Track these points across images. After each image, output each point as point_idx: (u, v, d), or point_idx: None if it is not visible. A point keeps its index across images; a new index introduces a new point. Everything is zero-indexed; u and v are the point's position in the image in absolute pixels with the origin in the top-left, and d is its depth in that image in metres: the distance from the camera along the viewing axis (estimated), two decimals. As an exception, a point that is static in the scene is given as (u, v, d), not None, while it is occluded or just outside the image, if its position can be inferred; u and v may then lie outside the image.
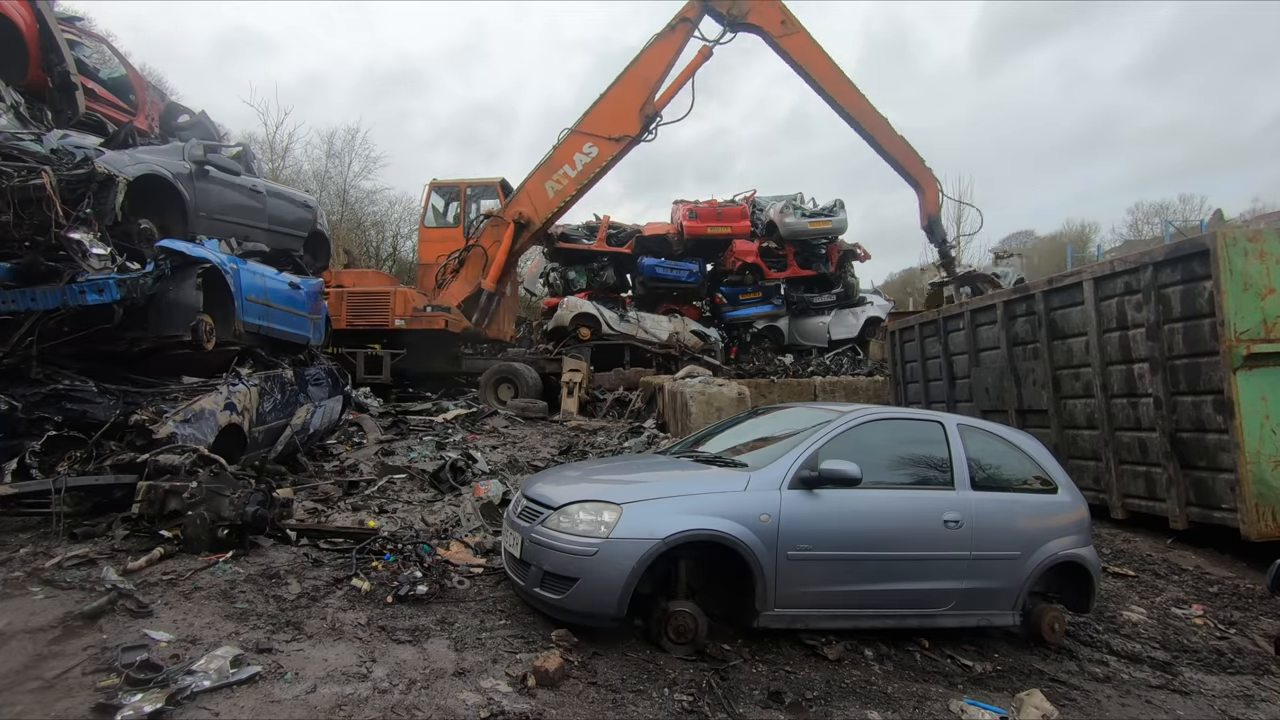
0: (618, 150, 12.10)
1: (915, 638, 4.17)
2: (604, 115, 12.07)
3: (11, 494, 4.22)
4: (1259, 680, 4.20)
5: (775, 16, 12.11)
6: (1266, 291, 5.55)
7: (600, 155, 12.08)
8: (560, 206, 12.62)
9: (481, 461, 7.19)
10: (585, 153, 12.06)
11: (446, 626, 3.63)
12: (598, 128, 12.06)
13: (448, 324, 12.19)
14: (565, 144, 12.19)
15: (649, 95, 11.94)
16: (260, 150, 23.70)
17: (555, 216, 13.19)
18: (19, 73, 6.62)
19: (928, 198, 12.68)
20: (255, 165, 8.87)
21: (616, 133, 11.96)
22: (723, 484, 3.88)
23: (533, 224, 12.62)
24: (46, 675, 2.73)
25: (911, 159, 12.57)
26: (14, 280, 4.87)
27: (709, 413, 9.71)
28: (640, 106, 11.89)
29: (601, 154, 12.08)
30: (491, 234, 12.75)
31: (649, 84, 11.97)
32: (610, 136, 11.97)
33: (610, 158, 12.16)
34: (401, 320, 11.93)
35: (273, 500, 4.49)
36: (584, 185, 12.39)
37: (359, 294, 12.21)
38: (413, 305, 12.17)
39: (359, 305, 12.07)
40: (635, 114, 11.91)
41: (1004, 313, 8.22)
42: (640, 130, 12.00)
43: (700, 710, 3.09)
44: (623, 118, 11.96)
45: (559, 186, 12.28)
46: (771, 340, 17.33)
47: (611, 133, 11.97)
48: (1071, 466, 6.75)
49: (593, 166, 12.15)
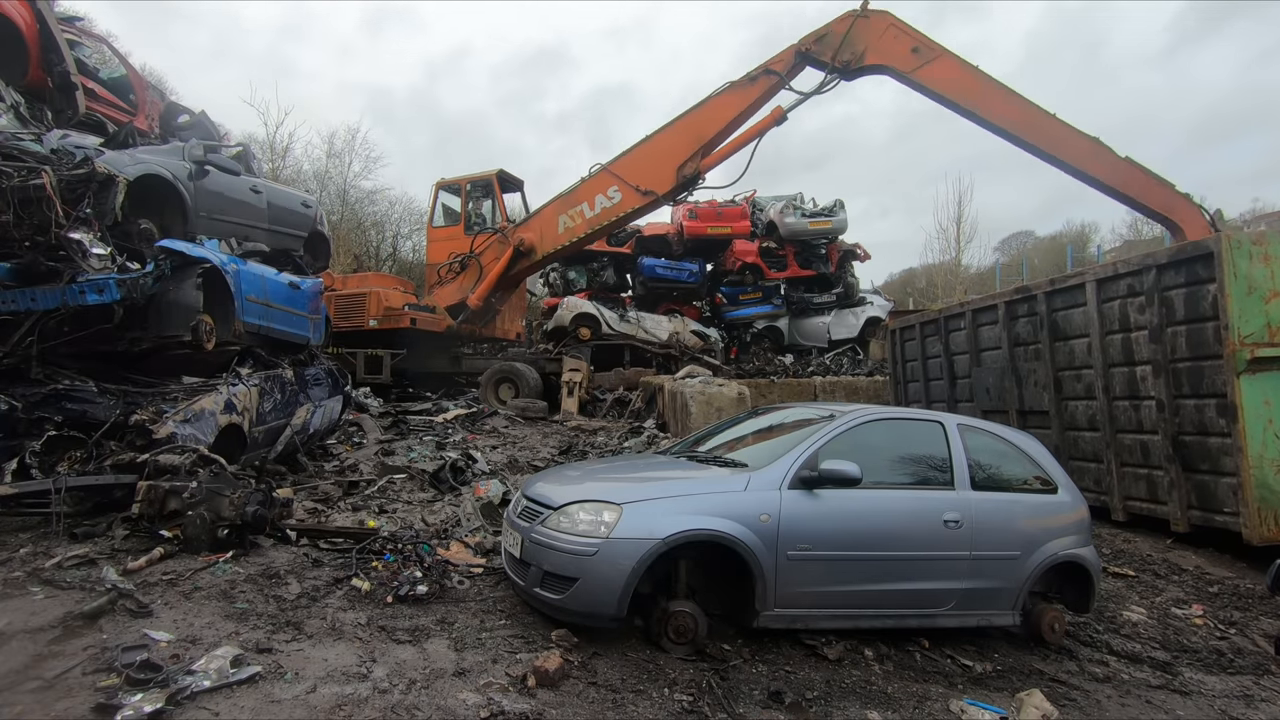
0: (642, 204, 11.15)
1: (915, 638, 4.17)
2: (640, 162, 11.04)
3: (11, 494, 4.22)
4: (1259, 680, 4.19)
5: (903, 47, 10.10)
6: (1271, 295, 5.54)
7: (622, 203, 11.14)
8: (567, 244, 11.88)
9: (481, 461, 7.19)
10: (609, 196, 11.14)
11: (446, 626, 3.62)
12: (629, 174, 11.05)
13: (414, 322, 11.80)
14: (591, 181, 11.35)
15: (695, 153, 10.67)
16: (260, 150, 23.70)
17: (559, 253, 12.41)
18: (19, 73, 6.62)
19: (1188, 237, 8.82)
20: (255, 165, 8.88)
21: (645, 185, 10.92)
22: (723, 484, 3.88)
23: (534, 254, 12.01)
24: (46, 675, 2.73)
25: (1151, 188, 9.23)
26: (14, 280, 4.87)
27: (709, 413, 9.71)
28: (680, 164, 10.68)
29: (624, 202, 11.13)
30: (493, 251, 12.36)
31: (700, 140, 10.67)
32: (639, 188, 10.95)
33: (631, 210, 11.27)
34: (375, 320, 11.56)
35: (273, 500, 4.48)
36: (597, 229, 11.65)
37: (342, 296, 12.14)
38: (385, 305, 11.76)
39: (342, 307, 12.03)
40: (671, 171, 10.75)
41: (1005, 313, 8.22)
42: (671, 190, 11.02)
43: (700, 710, 3.09)
44: (658, 171, 10.86)
45: (571, 224, 11.54)
46: (771, 340, 17.35)
47: (641, 184, 10.93)
48: (1072, 468, 6.75)
49: (612, 213, 11.30)
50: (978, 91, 9.91)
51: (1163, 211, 9.37)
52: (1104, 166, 9.43)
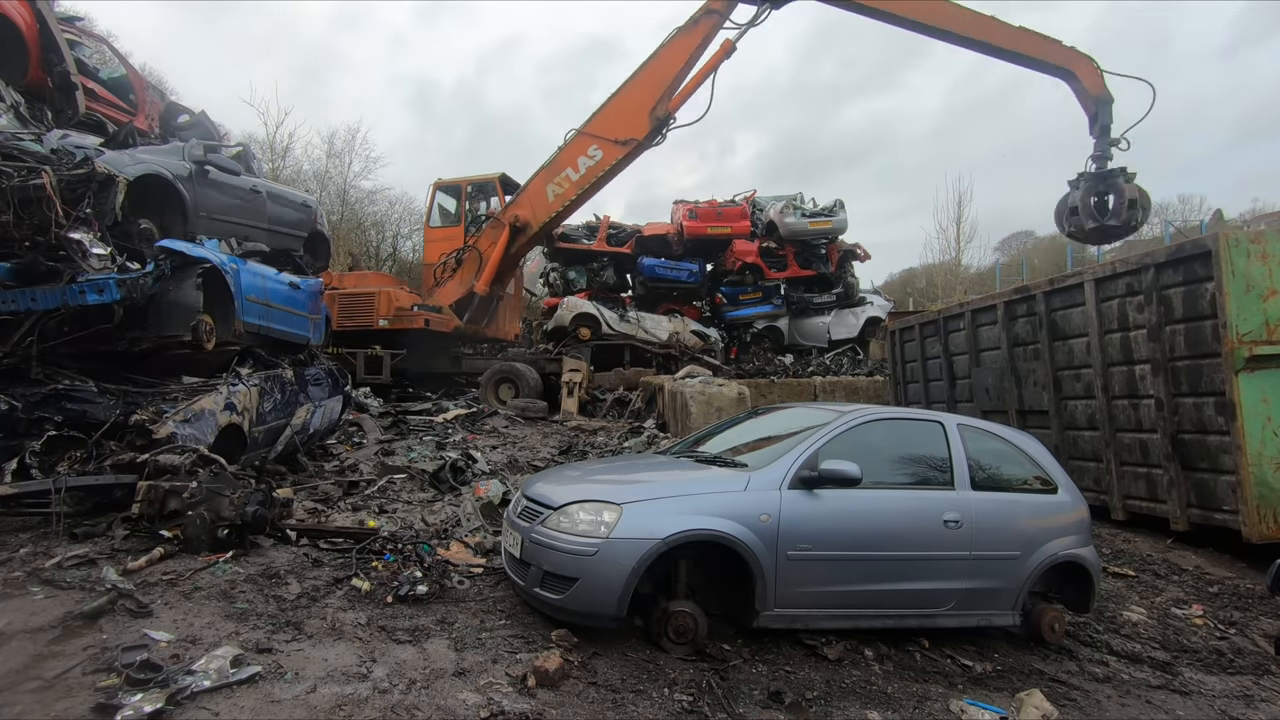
0: (623, 154, 11.62)
1: (915, 638, 4.17)
2: (612, 117, 11.58)
3: (11, 494, 4.22)
4: (1259, 680, 4.19)
5: None
6: (1269, 293, 5.55)
7: (605, 159, 11.64)
8: (560, 211, 12.28)
9: (481, 461, 7.19)
10: (590, 156, 11.64)
11: (446, 626, 3.62)
12: (604, 130, 11.58)
13: (428, 323, 11.99)
14: (570, 146, 11.81)
15: (662, 96, 11.32)
16: (260, 150, 23.70)
17: (555, 221, 12.86)
18: (19, 73, 6.63)
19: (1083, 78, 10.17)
20: (255, 165, 8.88)
21: (623, 135, 11.44)
22: (723, 484, 3.87)
23: (530, 228, 12.36)
24: (46, 675, 2.73)
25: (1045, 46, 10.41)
26: (14, 280, 4.87)
27: (709, 413, 9.71)
28: (651, 108, 11.31)
29: (606, 158, 11.64)
30: (488, 236, 12.62)
31: (663, 84, 11.34)
32: (617, 140, 11.48)
33: (615, 161, 11.72)
34: (385, 320, 11.71)
35: (273, 500, 4.48)
36: (586, 190, 11.99)
37: (348, 295, 12.18)
38: (396, 305, 11.95)
39: (347, 306, 12.06)
40: (645, 116, 11.34)
41: (1005, 313, 8.22)
42: (649, 134, 11.46)
43: (700, 710, 3.09)
44: (631, 120, 11.43)
45: (560, 190, 11.94)
46: (771, 340, 17.34)
47: (618, 135, 11.46)
48: (1072, 467, 6.75)
49: (596, 170, 11.73)
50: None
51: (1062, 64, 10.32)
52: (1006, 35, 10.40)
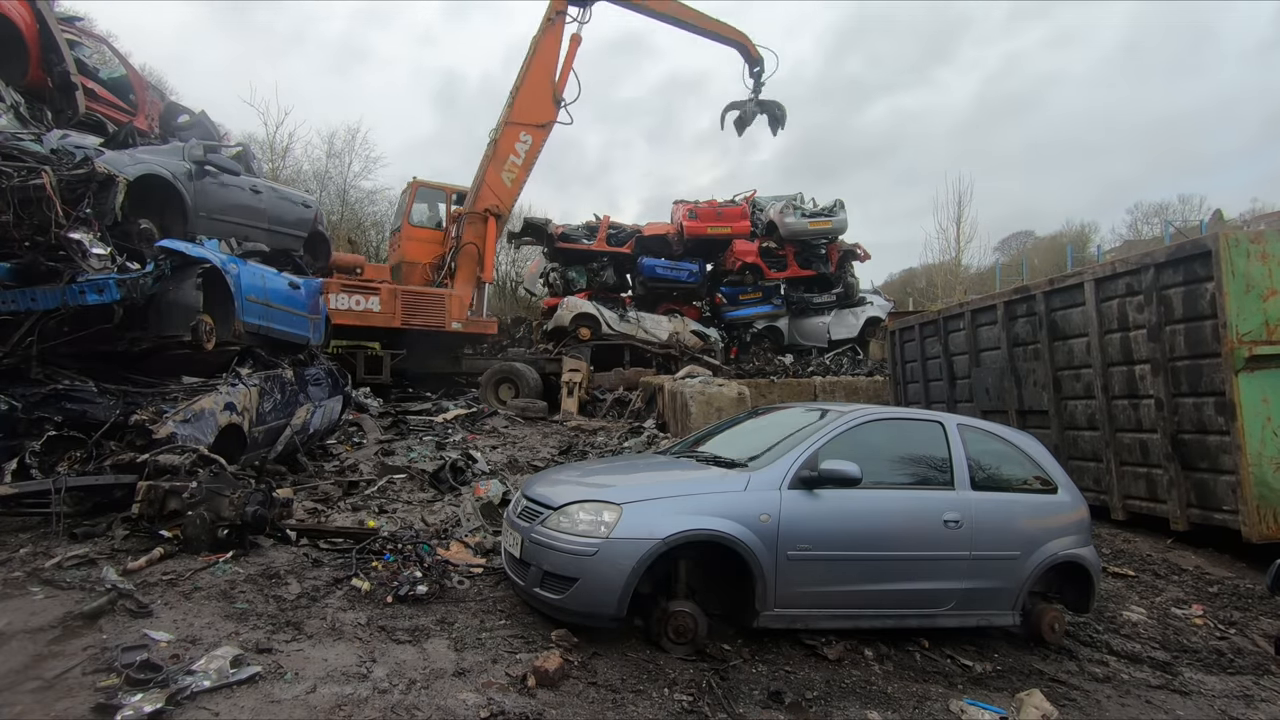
0: (545, 135, 13.66)
1: (915, 638, 4.17)
2: (527, 106, 13.40)
3: (11, 494, 4.22)
4: (1259, 680, 4.19)
5: None
6: (1269, 293, 5.55)
7: (535, 142, 13.54)
8: (518, 191, 13.94)
9: (481, 461, 7.19)
10: (523, 140, 13.51)
11: (446, 626, 3.62)
12: (525, 117, 13.39)
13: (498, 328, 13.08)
14: (504, 136, 13.45)
15: (555, 83, 13.41)
16: (260, 150, 23.69)
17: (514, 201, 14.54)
18: (19, 73, 6.64)
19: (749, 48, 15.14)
20: (255, 165, 8.88)
21: (541, 120, 13.46)
22: (723, 484, 3.87)
23: (502, 213, 13.87)
24: (46, 675, 2.73)
25: (718, 25, 14.64)
26: (14, 280, 4.87)
27: (709, 413, 9.72)
28: (550, 94, 13.43)
29: (535, 140, 13.54)
30: (476, 230, 13.42)
31: (551, 74, 13.40)
32: (537, 124, 13.49)
33: (542, 142, 13.71)
34: (458, 323, 12.53)
35: (273, 500, 4.48)
36: (529, 170, 13.78)
37: (415, 294, 12.23)
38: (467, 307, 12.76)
39: (414, 304, 12.01)
40: (549, 101, 13.40)
41: (1004, 313, 8.22)
42: (555, 113, 13.47)
43: (700, 710, 3.09)
44: (542, 106, 13.44)
45: (512, 175, 13.63)
46: (771, 340, 17.34)
47: (537, 120, 13.46)
48: (1072, 467, 6.75)
49: (532, 152, 13.58)
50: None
51: (733, 38, 14.90)
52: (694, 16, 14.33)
